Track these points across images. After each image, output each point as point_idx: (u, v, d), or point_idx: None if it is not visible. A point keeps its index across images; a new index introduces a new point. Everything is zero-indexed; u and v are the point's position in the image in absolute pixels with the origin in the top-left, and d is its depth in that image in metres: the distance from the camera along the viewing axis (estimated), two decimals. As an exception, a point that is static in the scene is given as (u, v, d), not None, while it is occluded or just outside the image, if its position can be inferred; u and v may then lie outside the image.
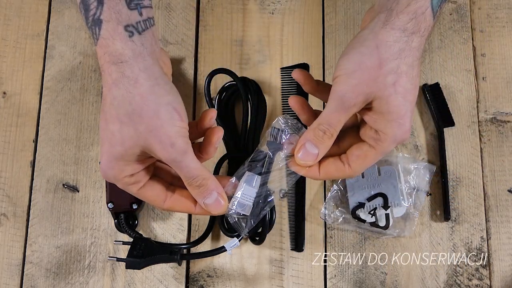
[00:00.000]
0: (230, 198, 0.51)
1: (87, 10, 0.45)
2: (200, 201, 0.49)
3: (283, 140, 0.50)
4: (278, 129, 0.51)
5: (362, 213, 0.64)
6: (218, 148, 0.52)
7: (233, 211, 0.51)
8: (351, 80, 0.46)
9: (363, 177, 0.65)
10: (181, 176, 0.48)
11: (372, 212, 0.63)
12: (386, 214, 0.63)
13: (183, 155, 0.46)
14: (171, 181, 0.53)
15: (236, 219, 0.51)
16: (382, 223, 0.63)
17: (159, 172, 0.52)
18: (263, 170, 0.51)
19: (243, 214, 0.51)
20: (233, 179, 0.51)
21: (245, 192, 0.51)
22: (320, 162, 0.50)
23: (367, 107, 0.47)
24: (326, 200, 0.66)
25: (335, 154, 0.51)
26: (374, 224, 0.63)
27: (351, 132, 0.51)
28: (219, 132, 0.51)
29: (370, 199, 0.64)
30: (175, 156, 0.46)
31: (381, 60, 0.45)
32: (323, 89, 0.52)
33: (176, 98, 0.47)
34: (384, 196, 0.64)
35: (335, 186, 0.66)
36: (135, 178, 0.48)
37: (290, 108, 0.65)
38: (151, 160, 0.49)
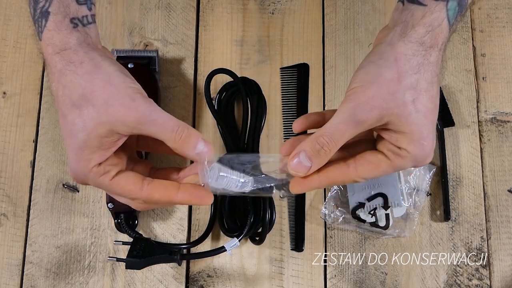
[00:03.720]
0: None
1: (36, 3, 0.45)
2: (192, 153, 0.45)
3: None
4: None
5: (362, 213, 0.64)
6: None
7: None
8: (367, 92, 0.43)
9: (363, 177, 0.65)
10: (160, 134, 0.44)
11: (372, 212, 0.64)
12: (386, 214, 0.63)
13: (150, 105, 0.44)
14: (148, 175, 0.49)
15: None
16: (382, 223, 0.63)
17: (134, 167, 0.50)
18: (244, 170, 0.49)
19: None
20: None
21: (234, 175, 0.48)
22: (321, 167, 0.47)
23: (384, 127, 0.45)
24: (326, 200, 0.66)
25: (340, 158, 0.47)
26: (374, 224, 0.63)
27: (365, 143, 0.49)
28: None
29: (370, 199, 0.64)
30: (143, 108, 0.43)
31: (399, 73, 0.43)
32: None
33: (124, 69, 0.46)
34: (384, 196, 0.64)
35: (335, 186, 0.66)
36: (104, 168, 0.45)
37: (290, 108, 0.65)
38: (118, 144, 0.46)
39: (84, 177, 0.46)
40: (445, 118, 0.68)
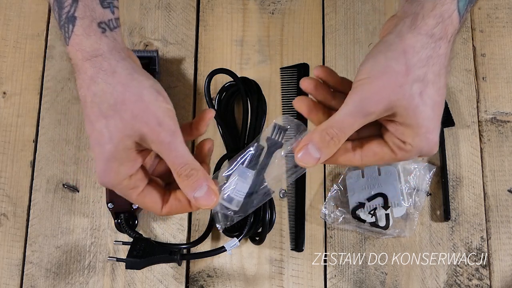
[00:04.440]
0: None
1: (61, 8, 0.45)
2: (190, 194, 0.46)
3: (283, 139, 0.49)
4: (280, 127, 0.49)
5: (362, 213, 0.64)
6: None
7: (221, 204, 0.48)
8: (375, 84, 0.43)
9: (363, 177, 0.65)
10: (170, 165, 0.46)
11: (372, 212, 0.64)
12: (386, 214, 0.63)
13: (172, 135, 0.44)
14: (168, 181, 0.51)
15: (220, 211, 0.49)
16: (382, 223, 0.63)
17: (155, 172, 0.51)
18: (258, 166, 0.49)
19: (230, 209, 0.49)
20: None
21: (237, 186, 0.49)
22: None
23: (390, 118, 0.45)
24: (326, 200, 0.66)
25: (349, 139, 0.47)
26: (374, 224, 0.63)
27: (372, 126, 0.48)
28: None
29: (370, 199, 0.64)
30: (164, 136, 0.44)
31: (408, 66, 0.43)
32: (348, 86, 0.47)
33: (157, 83, 0.46)
34: (384, 196, 0.64)
35: (335, 186, 0.66)
36: (134, 182, 0.47)
37: (290, 109, 0.65)
38: (145, 155, 0.47)
39: (112, 187, 0.47)
40: (445, 118, 0.68)
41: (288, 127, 0.49)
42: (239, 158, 0.50)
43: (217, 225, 0.51)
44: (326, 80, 0.50)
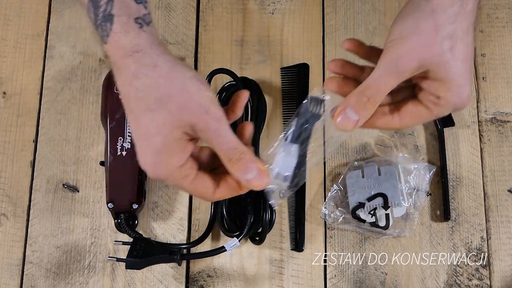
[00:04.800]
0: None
1: (97, 7, 0.45)
2: (242, 177, 0.46)
3: (321, 110, 0.49)
4: (316, 99, 0.50)
5: (362, 213, 0.64)
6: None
7: (272, 182, 0.49)
8: (406, 44, 0.45)
9: (363, 177, 0.65)
10: (219, 151, 0.46)
11: (372, 212, 0.64)
12: (386, 214, 0.63)
13: (219, 121, 0.45)
14: (212, 166, 0.51)
15: (272, 189, 0.50)
16: (382, 223, 0.63)
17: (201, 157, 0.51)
18: (300, 139, 0.50)
19: (282, 185, 0.50)
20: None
21: (285, 162, 0.49)
22: None
23: (423, 76, 0.46)
24: (326, 200, 0.66)
25: (385, 103, 0.49)
26: (374, 224, 0.63)
27: (406, 89, 0.50)
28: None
29: (370, 199, 0.64)
30: (212, 123, 0.45)
31: (436, 24, 0.45)
32: (378, 54, 0.49)
33: (198, 73, 0.47)
34: (384, 196, 0.64)
35: (335, 186, 0.66)
36: (185, 171, 0.47)
37: (291, 109, 0.65)
38: (194, 143, 0.48)
39: (164, 179, 0.47)
40: (445, 118, 0.68)
41: (324, 98, 0.50)
42: (280, 136, 0.51)
43: (271, 202, 0.51)
44: (356, 52, 0.52)
